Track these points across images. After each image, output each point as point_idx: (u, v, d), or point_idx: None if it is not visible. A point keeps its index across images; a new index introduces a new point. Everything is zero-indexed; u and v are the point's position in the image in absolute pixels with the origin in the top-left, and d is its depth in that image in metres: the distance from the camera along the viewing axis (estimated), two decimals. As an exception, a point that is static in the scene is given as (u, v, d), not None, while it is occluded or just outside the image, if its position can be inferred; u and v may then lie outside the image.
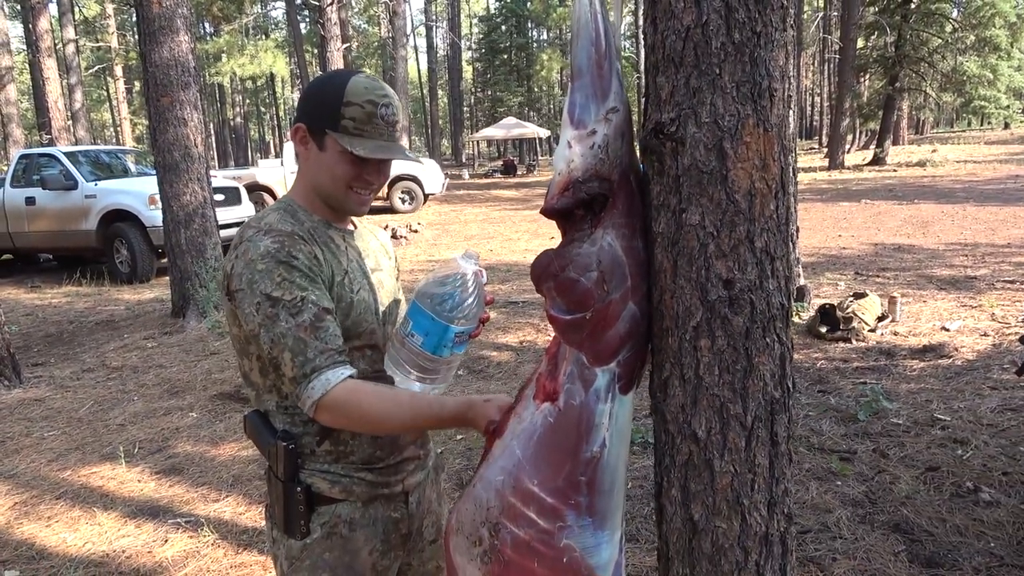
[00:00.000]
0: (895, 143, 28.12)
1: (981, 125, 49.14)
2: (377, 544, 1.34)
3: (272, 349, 1.18)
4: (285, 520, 1.30)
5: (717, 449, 0.99)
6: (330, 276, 1.27)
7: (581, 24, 0.98)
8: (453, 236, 12.51)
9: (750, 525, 1.01)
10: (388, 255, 1.50)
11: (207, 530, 3.03)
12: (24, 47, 23.03)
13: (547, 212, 1.02)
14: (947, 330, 5.20)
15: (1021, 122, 30.75)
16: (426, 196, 16.81)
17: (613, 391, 1.03)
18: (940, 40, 23.77)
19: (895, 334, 5.22)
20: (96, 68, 33.40)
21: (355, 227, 1.42)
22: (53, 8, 21.89)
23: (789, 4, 0.94)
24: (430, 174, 16.66)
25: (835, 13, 34.06)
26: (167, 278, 7.43)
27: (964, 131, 48.07)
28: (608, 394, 1.03)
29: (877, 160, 23.45)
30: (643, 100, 1.02)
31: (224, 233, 7.68)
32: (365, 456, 1.32)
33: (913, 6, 23.30)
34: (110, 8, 28.41)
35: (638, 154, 1.05)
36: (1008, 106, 24.44)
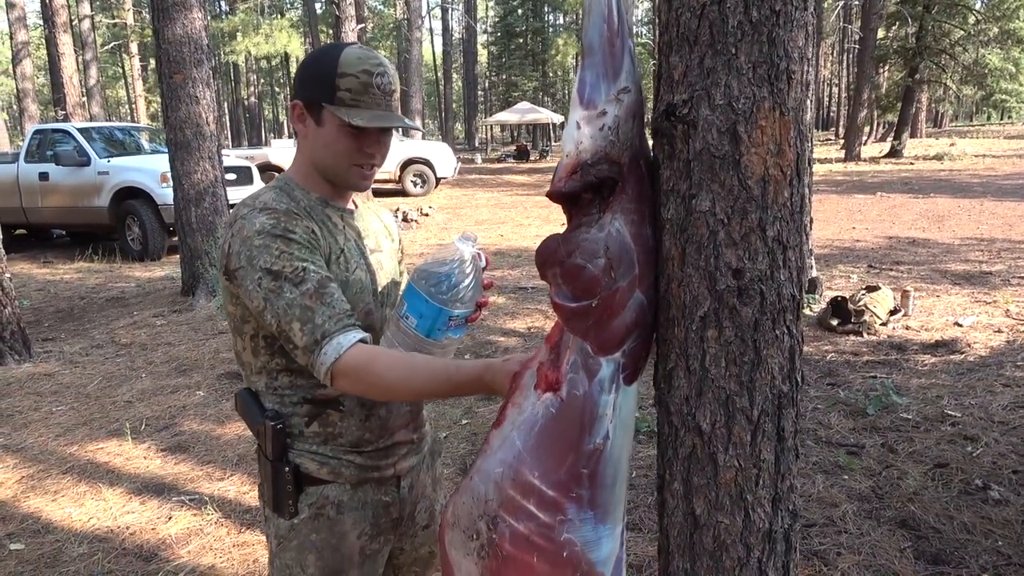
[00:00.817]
0: (913, 136, 27.79)
1: (1001, 119, 48.50)
2: (366, 528, 1.33)
3: (280, 322, 1.15)
4: (274, 499, 1.30)
5: (721, 443, 0.96)
6: (327, 253, 1.25)
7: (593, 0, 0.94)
8: (464, 220, 12.48)
9: (753, 521, 0.98)
10: (391, 237, 1.47)
11: (211, 508, 3.04)
12: (41, 22, 23.06)
13: (554, 195, 0.98)
14: (960, 325, 5.14)
15: (1042, 117, 30.34)
16: (438, 180, 16.76)
17: (617, 381, 1.01)
18: (962, 32, 23.39)
19: (907, 328, 5.16)
20: (111, 45, 33.45)
21: (355, 207, 1.40)
22: (69, -17, 21.86)
23: (811, -17, 0.90)
24: (442, 158, 16.61)
25: (856, 2, 33.59)
26: (178, 256, 7.44)
27: (984, 125, 47.47)
28: (612, 384, 1.00)
29: (894, 152, 23.20)
30: (655, 78, 0.98)
31: (235, 212, 7.67)
32: (354, 439, 1.31)
33: (935, -4, 22.93)
34: (126, -16, 28.35)
35: (648, 137, 1.02)
36: (1030, 100, 24.05)
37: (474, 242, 1.25)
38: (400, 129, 1.43)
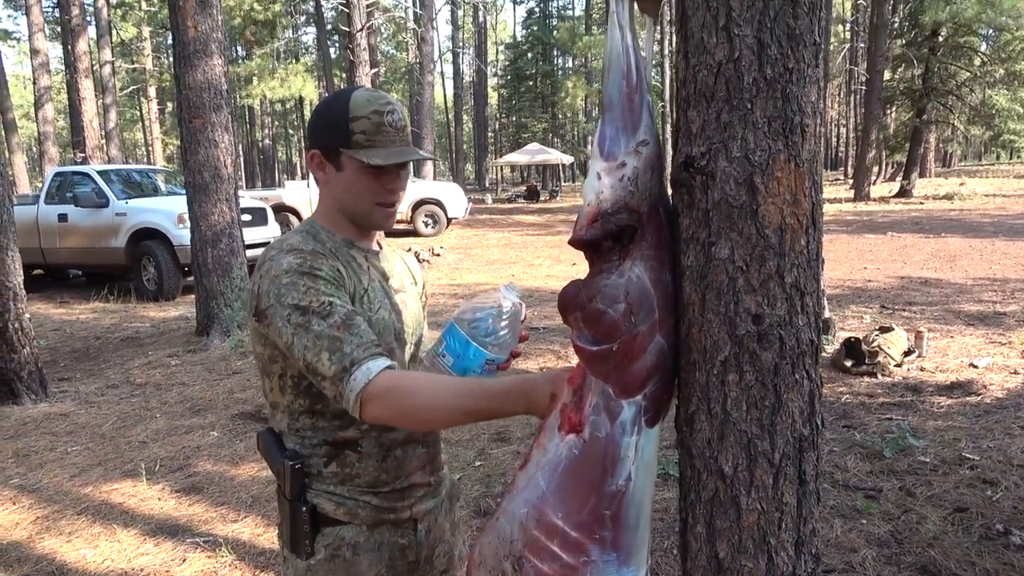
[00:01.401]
0: (922, 175, 27.87)
1: (1010, 159, 48.61)
2: (383, 570, 1.33)
3: (308, 354, 1.16)
4: (291, 539, 1.31)
5: (744, 486, 0.98)
6: (352, 292, 1.28)
7: (613, 57, 0.98)
8: (475, 260, 12.55)
9: (777, 565, 0.99)
10: (414, 280, 1.51)
11: (225, 550, 3.03)
12: (63, 67, 23.66)
13: (576, 243, 1.02)
14: (975, 367, 5.10)
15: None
16: (449, 220, 16.92)
17: (639, 424, 1.02)
18: (968, 73, 23.62)
19: (921, 370, 5.13)
20: (130, 88, 34.23)
21: (380, 248, 1.44)
22: (92, 30, 22.50)
23: (822, 40, 0.94)
24: (453, 198, 16.79)
25: (862, 44, 34.03)
26: (192, 296, 7.52)
27: (993, 164, 47.58)
28: (634, 427, 1.02)
29: (903, 192, 23.26)
30: (673, 131, 1.02)
31: (250, 253, 7.77)
32: (371, 479, 1.32)
33: (941, 39, 23.21)
34: (146, 31, 29.17)
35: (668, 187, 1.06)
36: (1038, 140, 24.15)
37: (518, 293, 1.29)
38: (413, 168, 1.46)
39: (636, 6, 1.01)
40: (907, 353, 5.26)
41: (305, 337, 1.17)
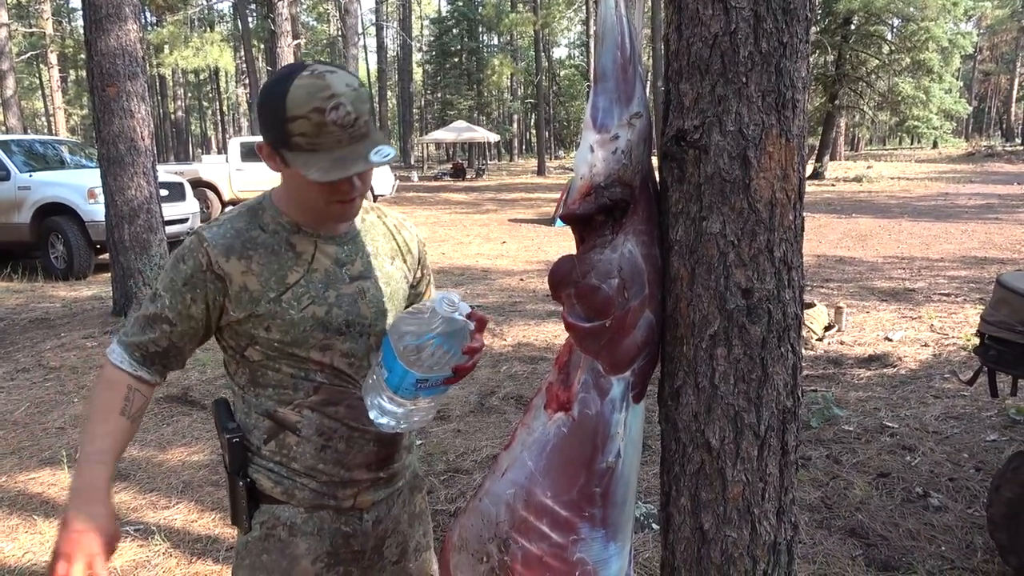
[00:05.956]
0: (833, 158, 29.05)
1: (911, 144, 51.31)
2: (322, 555, 1.29)
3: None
4: (232, 512, 1.31)
5: (730, 458, 0.99)
6: (256, 290, 1.21)
7: (607, 27, 0.97)
8: (404, 238, 12.37)
9: (759, 534, 1.01)
10: (402, 256, 1.37)
11: (158, 538, 2.91)
12: (-49, 29, 21.86)
13: (568, 217, 1.00)
14: (890, 340, 5.38)
15: (948, 142, 32.27)
16: (376, 197, 16.63)
17: (627, 400, 1.02)
18: (877, 61, 24.69)
19: (841, 343, 5.37)
20: (28, 55, 31.99)
21: (349, 227, 1.30)
22: (-16, -10, 20.88)
23: (812, 16, 0.94)
24: (380, 175, 16.48)
25: (778, 31, 34.95)
26: (106, 275, 7.15)
27: (896, 149, 50.12)
28: (623, 403, 1.02)
29: (816, 174, 24.20)
30: (662, 104, 1.01)
31: (168, 230, 7.42)
32: (307, 466, 1.27)
33: (852, 27, 24.15)
34: (46, -8, 27.24)
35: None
36: (939, 126, 25.53)
37: (453, 304, 1.11)
38: None
39: (628, -25, 0.99)
40: (828, 328, 5.50)
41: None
